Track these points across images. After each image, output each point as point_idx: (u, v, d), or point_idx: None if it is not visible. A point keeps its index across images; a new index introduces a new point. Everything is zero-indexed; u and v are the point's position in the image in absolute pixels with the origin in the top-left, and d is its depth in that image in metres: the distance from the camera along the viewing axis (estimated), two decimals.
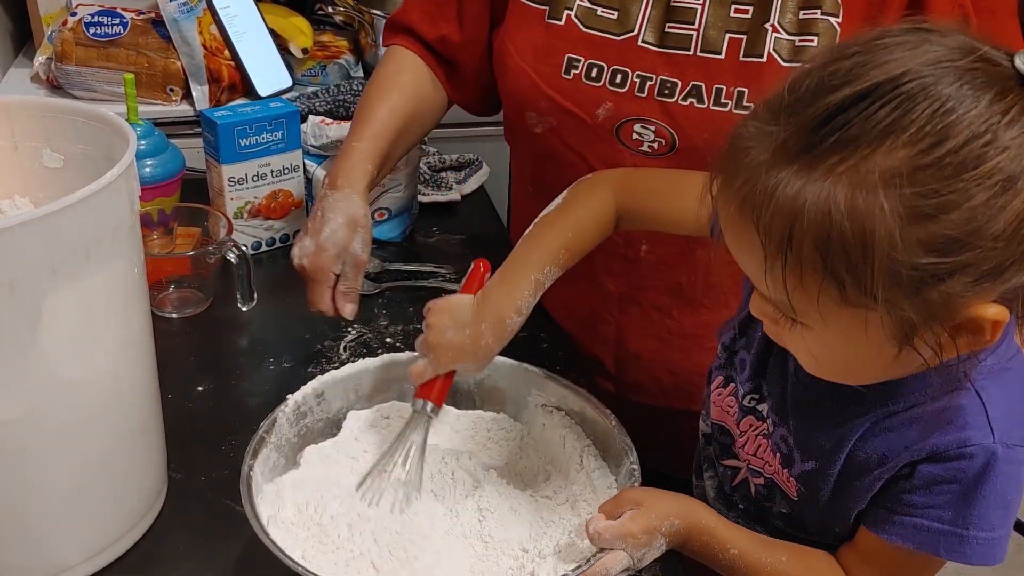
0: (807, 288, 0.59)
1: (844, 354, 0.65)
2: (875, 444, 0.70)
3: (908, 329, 0.59)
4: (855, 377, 0.68)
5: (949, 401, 0.66)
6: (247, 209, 1.27)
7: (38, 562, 0.78)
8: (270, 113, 1.24)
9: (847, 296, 0.58)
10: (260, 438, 0.79)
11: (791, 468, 0.76)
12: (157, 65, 1.67)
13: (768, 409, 0.78)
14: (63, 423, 0.74)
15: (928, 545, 0.69)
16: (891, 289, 0.57)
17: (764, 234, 0.59)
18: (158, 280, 1.16)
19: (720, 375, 0.84)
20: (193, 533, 0.86)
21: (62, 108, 0.85)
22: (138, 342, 0.81)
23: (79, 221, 0.68)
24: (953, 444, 0.66)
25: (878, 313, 0.59)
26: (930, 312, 0.58)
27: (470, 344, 0.83)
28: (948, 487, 0.67)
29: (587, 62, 1.00)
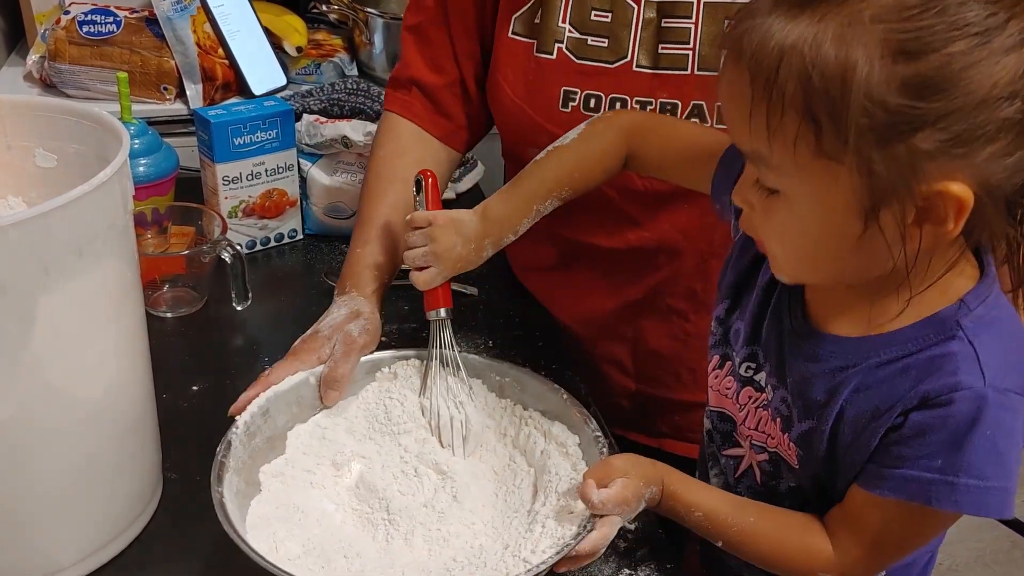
0: (786, 132, 0.61)
1: (814, 229, 0.66)
2: (868, 396, 0.70)
3: (876, 194, 0.61)
4: (825, 267, 0.69)
5: (940, 349, 0.67)
6: (241, 208, 1.27)
7: (32, 563, 0.78)
8: (264, 112, 1.24)
9: (823, 144, 0.60)
10: (220, 463, 0.78)
11: (791, 431, 0.76)
12: (151, 64, 1.67)
13: (766, 376, 0.78)
14: (56, 423, 0.73)
15: (919, 495, 0.68)
16: (863, 135, 0.59)
17: (752, 73, 0.62)
18: (152, 279, 1.16)
19: (716, 354, 0.85)
20: (188, 533, 0.86)
21: (55, 107, 0.84)
22: (132, 342, 0.80)
23: (72, 221, 0.68)
24: (944, 389, 0.66)
25: (849, 169, 0.61)
26: (897, 171, 0.60)
27: (474, 255, 0.93)
28: (937, 435, 0.67)
29: (584, 93, 0.99)
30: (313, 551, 0.77)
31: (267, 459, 0.84)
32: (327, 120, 1.30)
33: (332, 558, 0.77)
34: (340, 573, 0.76)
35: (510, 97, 1.04)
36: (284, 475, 0.84)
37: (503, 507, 0.84)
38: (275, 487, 0.83)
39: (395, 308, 1.19)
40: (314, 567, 0.76)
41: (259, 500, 0.81)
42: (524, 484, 0.85)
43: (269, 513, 0.80)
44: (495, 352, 1.09)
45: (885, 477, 0.69)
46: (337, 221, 1.32)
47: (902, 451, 0.68)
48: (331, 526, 0.82)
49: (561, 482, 0.81)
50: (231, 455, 0.79)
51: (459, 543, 0.80)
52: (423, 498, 0.84)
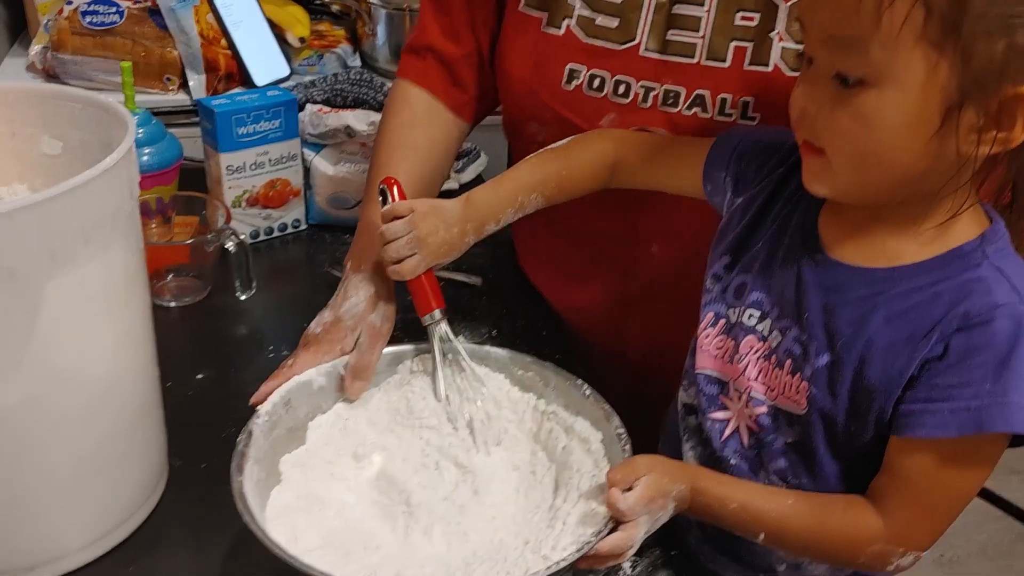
0: (895, 13, 0.63)
1: (891, 123, 0.66)
2: (900, 325, 0.71)
3: (965, 89, 0.63)
4: (885, 169, 0.69)
5: (970, 275, 0.70)
6: (245, 198, 1.27)
7: (38, 548, 0.78)
8: (268, 101, 1.24)
9: (929, 29, 0.63)
10: (242, 453, 0.78)
11: (803, 370, 0.75)
12: (154, 54, 1.67)
13: (771, 323, 0.78)
14: (63, 409, 0.74)
15: (970, 424, 0.67)
16: (977, 22, 0.61)
17: None
18: (157, 269, 1.16)
19: (710, 311, 0.84)
20: (193, 519, 0.86)
21: (60, 95, 0.85)
22: (138, 328, 0.81)
23: (78, 207, 0.68)
24: (984, 308, 0.68)
25: (948, 58, 0.63)
26: (993, 67, 0.62)
27: (457, 241, 0.93)
28: (982, 356, 0.67)
29: (588, 72, 0.99)
30: (332, 543, 0.77)
31: (288, 449, 0.84)
32: (330, 110, 1.30)
33: (351, 550, 0.77)
34: (359, 565, 0.76)
35: (516, 71, 1.03)
36: (305, 465, 0.83)
37: (524, 503, 0.82)
38: (295, 477, 0.82)
39: (399, 298, 1.19)
40: (333, 559, 0.75)
41: (279, 490, 0.80)
42: (546, 480, 0.84)
43: (289, 503, 0.79)
44: (498, 342, 1.09)
45: (932, 413, 0.69)
46: (340, 211, 1.33)
47: (948, 380, 0.68)
48: (351, 518, 0.81)
49: (583, 479, 0.80)
50: (252, 445, 0.79)
51: (479, 538, 0.79)
52: (443, 492, 0.83)
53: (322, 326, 0.92)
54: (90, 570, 0.81)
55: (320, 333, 0.92)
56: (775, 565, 0.82)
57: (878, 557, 0.73)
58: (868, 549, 0.73)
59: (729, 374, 0.81)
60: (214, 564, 0.82)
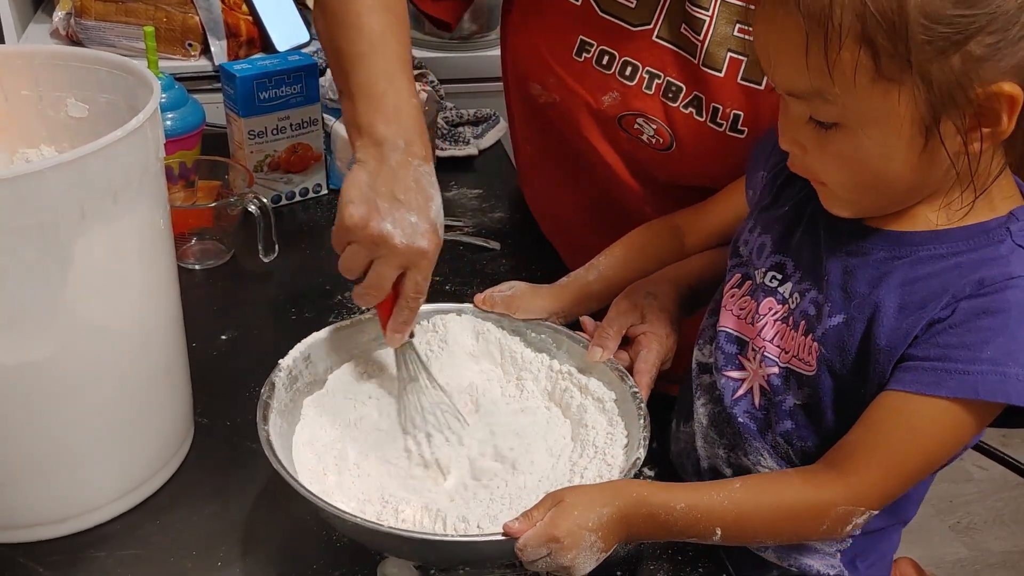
0: (844, 63, 0.64)
1: (876, 153, 0.68)
2: (916, 288, 0.71)
3: (936, 106, 0.64)
4: (888, 190, 0.71)
5: (991, 251, 0.70)
6: (267, 162, 1.28)
7: (70, 500, 0.81)
8: (289, 66, 1.25)
9: (881, 68, 0.64)
10: (265, 403, 0.79)
11: (815, 331, 0.75)
12: (175, 20, 1.68)
13: (792, 287, 0.78)
14: (93, 363, 0.76)
15: (966, 388, 0.66)
16: (923, 50, 0.62)
17: (806, 14, 0.64)
18: (180, 232, 1.17)
19: (737, 272, 0.85)
20: (219, 475, 0.88)
21: (86, 58, 0.86)
22: (164, 286, 0.82)
23: (108, 166, 0.69)
24: (999, 276, 0.68)
25: (909, 87, 0.64)
26: (955, 80, 0.63)
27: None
28: (989, 320, 0.67)
29: (599, 47, 0.99)
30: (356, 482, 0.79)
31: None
32: None
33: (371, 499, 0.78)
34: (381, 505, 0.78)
35: (528, 32, 1.03)
36: (324, 406, 0.85)
37: (545, 453, 0.83)
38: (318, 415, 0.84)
39: None
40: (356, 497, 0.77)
41: (301, 427, 0.83)
42: (564, 436, 0.85)
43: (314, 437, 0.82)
44: None
45: (927, 370, 0.68)
46: None
47: (949, 340, 0.68)
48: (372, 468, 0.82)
49: (599, 435, 0.82)
50: (275, 396, 0.81)
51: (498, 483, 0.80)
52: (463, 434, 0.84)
53: (424, 236, 0.79)
54: (119, 523, 0.83)
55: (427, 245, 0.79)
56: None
57: (840, 520, 0.71)
58: (831, 513, 0.71)
59: (748, 334, 0.82)
60: (239, 517, 0.84)
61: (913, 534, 2.10)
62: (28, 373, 0.73)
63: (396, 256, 0.78)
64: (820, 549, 0.81)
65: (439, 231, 0.80)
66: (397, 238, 0.77)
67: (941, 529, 2.15)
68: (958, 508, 2.20)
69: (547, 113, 1.06)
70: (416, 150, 0.81)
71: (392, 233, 0.77)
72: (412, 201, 0.79)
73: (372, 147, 0.80)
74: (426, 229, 0.78)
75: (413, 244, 0.78)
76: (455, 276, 1.18)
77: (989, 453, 1.36)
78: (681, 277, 0.95)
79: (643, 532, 0.72)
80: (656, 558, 0.81)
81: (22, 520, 0.80)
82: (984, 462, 1.42)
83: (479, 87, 1.75)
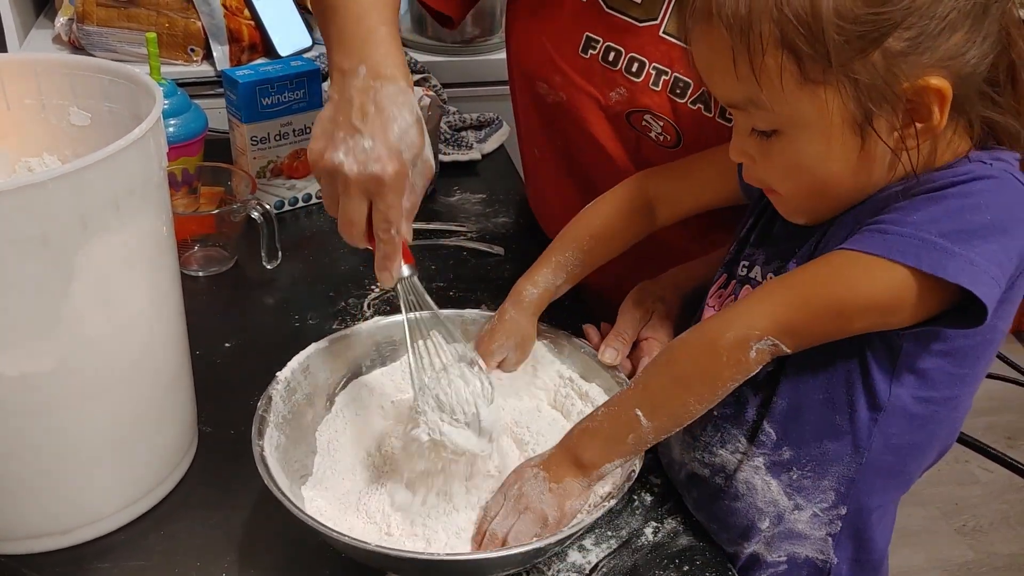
0: (770, 70, 0.65)
1: (816, 157, 0.69)
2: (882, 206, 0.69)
3: (864, 105, 0.65)
4: (834, 192, 0.71)
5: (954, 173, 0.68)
6: (269, 168, 1.28)
7: (73, 512, 0.80)
8: (291, 71, 1.25)
9: (806, 71, 0.65)
10: (261, 417, 0.79)
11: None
12: (178, 25, 1.67)
13: (761, 269, 0.80)
14: (96, 376, 0.75)
15: (878, 245, 0.65)
16: (841, 51, 0.63)
17: (727, 26, 0.66)
18: (183, 239, 1.17)
19: (724, 272, 0.85)
20: (223, 484, 0.88)
21: (88, 66, 0.85)
22: (168, 295, 0.82)
23: (110, 176, 0.69)
24: (951, 174, 0.67)
25: (835, 87, 0.65)
26: (879, 77, 0.64)
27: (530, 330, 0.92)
28: (951, 202, 0.65)
29: (605, 44, 0.99)
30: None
31: (305, 415, 0.85)
32: None
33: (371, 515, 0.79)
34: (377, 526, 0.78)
35: (533, 30, 1.03)
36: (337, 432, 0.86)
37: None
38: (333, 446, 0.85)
39: (422, 269, 1.20)
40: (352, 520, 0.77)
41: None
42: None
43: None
44: None
45: (858, 233, 0.67)
46: None
47: (890, 216, 0.66)
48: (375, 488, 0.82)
49: None
50: (272, 410, 0.80)
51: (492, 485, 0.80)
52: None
53: (379, 161, 0.75)
54: (123, 534, 0.83)
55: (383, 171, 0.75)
56: (758, 523, 0.81)
57: (736, 347, 0.70)
58: (721, 342, 0.71)
59: None
60: (244, 527, 0.84)
61: (919, 537, 2.10)
62: (31, 385, 0.72)
63: (352, 186, 0.75)
64: (809, 535, 0.80)
65: (404, 153, 0.76)
66: (347, 166, 0.74)
67: (947, 532, 2.15)
68: (964, 511, 2.20)
69: (554, 113, 1.06)
70: (379, 71, 0.77)
71: (343, 162, 0.74)
72: (369, 125, 0.75)
73: (337, 81, 0.78)
74: (382, 153, 0.74)
75: (365, 171, 0.74)
76: (459, 282, 1.18)
77: (994, 456, 1.35)
78: (686, 283, 0.96)
79: (588, 453, 0.76)
80: (663, 567, 0.80)
81: (26, 531, 0.79)
82: (990, 465, 1.42)
83: (482, 91, 1.75)
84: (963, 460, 2.22)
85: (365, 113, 0.76)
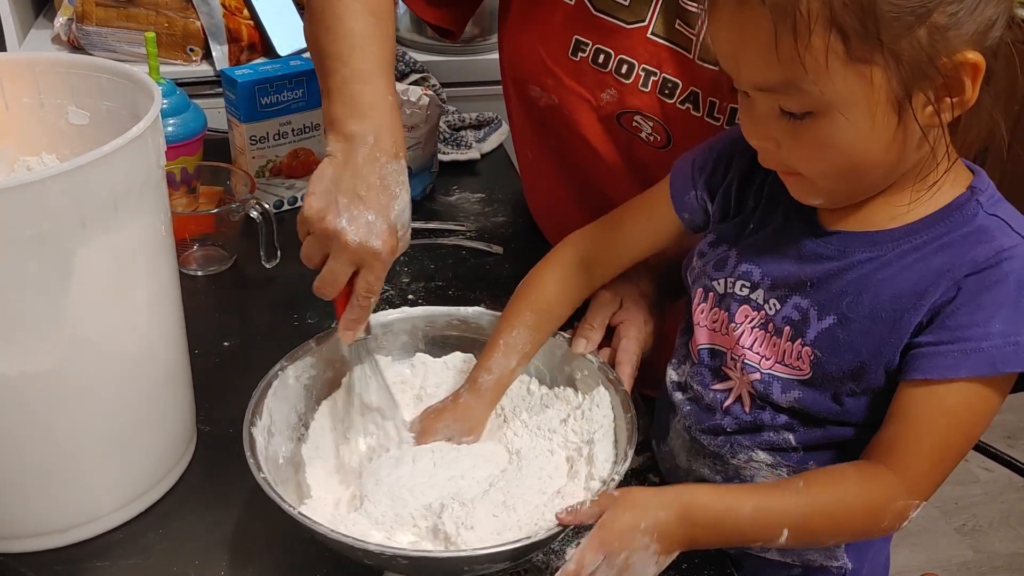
0: (815, 50, 0.64)
1: (852, 137, 0.68)
2: (906, 276, 0.71)
3: (907, 82, 0.65)
4: (865, 173, 0.71)
5: (970, 226, 0.71)
6: (268, 168, 1.28)
7: (72, 511, 0.80)
8: (290, 71, 1.25)
9: (852, 49, 0.64)
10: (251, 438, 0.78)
11: (805, 335, 0.75)
12: (177, 25, 1.68)
13: (764, 293, 0.78)
14: (95, 374, 0.75)
15: (984, 365, 0.68)
16: (891, 27, 0.63)
17: (772, 5, 0.64)
18: (182, 238, 1.17)
19: (699, 287, 0.84)
20: (221, 483, 0.88)
21: (87, 65, 0.85)
22: (166, 295, 0.82)
23: (108, 175, 0.69)
24: (990, 252, 0.69)
25: (880, 67, 0.64)
26: (923, 53, 0.64)
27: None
28: (992, 295, 0.68)
29: (595, 46, 0.99)
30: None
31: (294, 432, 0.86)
32: None
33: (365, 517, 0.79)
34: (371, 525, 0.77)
35: (524, 33, 1.03)
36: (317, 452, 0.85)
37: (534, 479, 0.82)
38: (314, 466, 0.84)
39: (421, 267, 1.20)
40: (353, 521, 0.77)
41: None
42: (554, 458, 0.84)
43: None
44: None
45: (943, 355, 0.69)
46: None
47: (959, 321, 0.69)
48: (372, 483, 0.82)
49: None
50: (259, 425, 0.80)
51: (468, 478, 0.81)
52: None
53: (379, 237, 0.78)
54: (122, 532, 0.83)
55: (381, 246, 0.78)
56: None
57: (898, 515, 0.71)
58: (890, 509, 0.70)
59: (725, 344, 0.81)
60: (243, 526, 0.84)
61: (919, 536, 2.10)
62: (30, 383, 0.72)
63: (348, 253, 0.77)
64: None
65: (399, 233, 0.80)
66: (350, 235, 0.76)
67: (947, 531, 2.15)
68: (964, 510, 2.20)
69: (546, 116, 1.06)
70: (385, 146, 0.80)
71: (345, 230, 0.76)
72: (373, 199, 0.78)
73: (341, 141, 0.80)
74: (383, 229, 0.77)
75: (366, 243, 0.77)
76: (458, 281, 1.18)
77: (994, 455, 1.35)
78: (659, 263, 0.94)
79: (706, 537, 0.70)
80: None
81: (25, 530, 0.80)
82: (990, 464, 1.42)
83: (481, 90, 1.74)
84: (963, 459, 2.22)
85: (370, 186, 0.78)
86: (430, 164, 1.36)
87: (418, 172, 1.33)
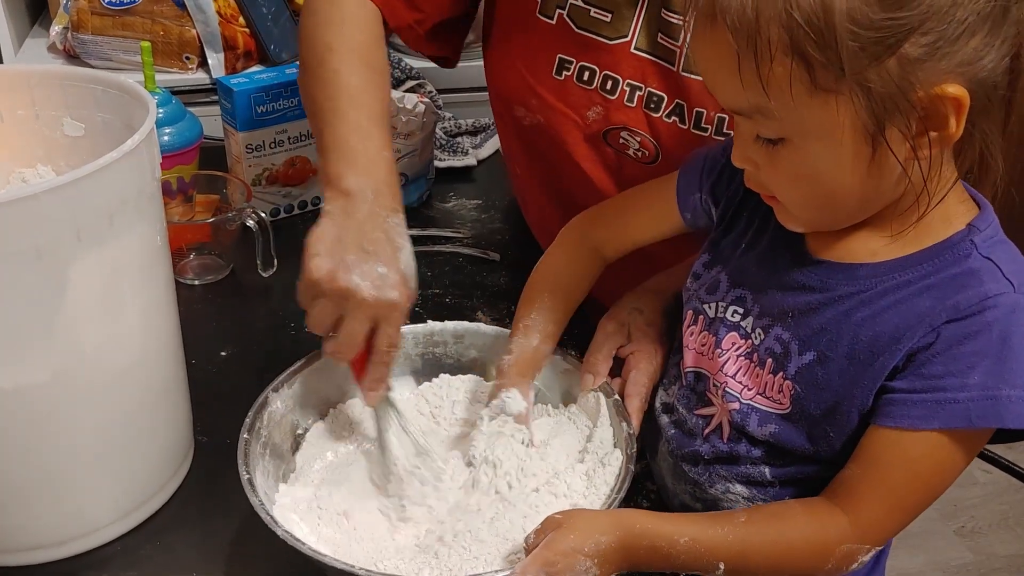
0: (778, 77, 0.62)
1: (825, 166, 0.66)
2: (886, 318, 0.69)
3: (878, 114, 0.62)
4: (841, 204, 0.68)
5: (959, 268, 0.68)
6: (265, 176, 1.28)
7: (68, 523, 0.80)
8: (286, 79, 1.24)
9: (816, 79, 0.61)
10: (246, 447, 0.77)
11: (787, 369, 0.73)
12: (172, 33, 1.68)
13: (753, 321, 0.77)
14: (91, 387, 0.75)
15: (956, 417, 0.65)
16: (855, 58, 0.60)
17: (732, 29, 0.62)
18: (179, 247, 1.17)
19: (690, 308, 0.83)
20: (219, 494, 0.87)
21: (82, 77, 0.85)
22: (162, 306, 0.82)
23: (103, 188, 0.69)
24: (974, 299, 0.66)
25: (847, 96, 0.61)
26: (893, 85, 0.61)
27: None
28: (972, 344, 0.65)
29: (579, 64, 0.98)
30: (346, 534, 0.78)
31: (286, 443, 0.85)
32: None
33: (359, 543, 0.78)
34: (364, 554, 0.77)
35: (507, 54, 1.03)
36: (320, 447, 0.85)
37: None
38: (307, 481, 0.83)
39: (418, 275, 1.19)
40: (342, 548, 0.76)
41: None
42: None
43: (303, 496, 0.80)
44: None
45: (916, 403, 0.66)
46: None
47: (935, 370, 0.66)
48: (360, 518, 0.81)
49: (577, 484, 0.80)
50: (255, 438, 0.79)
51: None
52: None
53: (395, 288, 0.77)
54: (118, 545, 0.83)
55: (399, 297, 0.77)
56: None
57: (846, 558, 0.69)
58: (836, 551, 0.69)
59: (709, 369, 0.80)
60: (240, 537, 0.84)
61: (918, 539, 2.10)
62: (26, 396, 0.72)
63: (366, 309, 0.76)
64: None
65: (410, 282, 0.79)
66: (366, 291, 0.75)
67: (946, 533, 2.14)
68: (963, 512, 2.20)
69: (533, 136, 1.06)
70: (385, 201, 0.80)
71: (360, 286, 0.75)
72: (381, 252, 0.77)
73: (340, 198, 0.79)
74: (396, 280, 0.77)
75: (383, 296, 0.76)
76: (455, 288, 1.18)
77: (993, 459, 1.36)
78: (667, 287, 0.93)
79: (643, 563, 0.70)
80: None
81: (20, 543, 0.79)
82: (988, 466, 1.42)
83: (477, 96, 1.73)
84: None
85: (375, 240, 0.77)
86: (426, 171, 1.36)
87: (414, 179, 1.33)
